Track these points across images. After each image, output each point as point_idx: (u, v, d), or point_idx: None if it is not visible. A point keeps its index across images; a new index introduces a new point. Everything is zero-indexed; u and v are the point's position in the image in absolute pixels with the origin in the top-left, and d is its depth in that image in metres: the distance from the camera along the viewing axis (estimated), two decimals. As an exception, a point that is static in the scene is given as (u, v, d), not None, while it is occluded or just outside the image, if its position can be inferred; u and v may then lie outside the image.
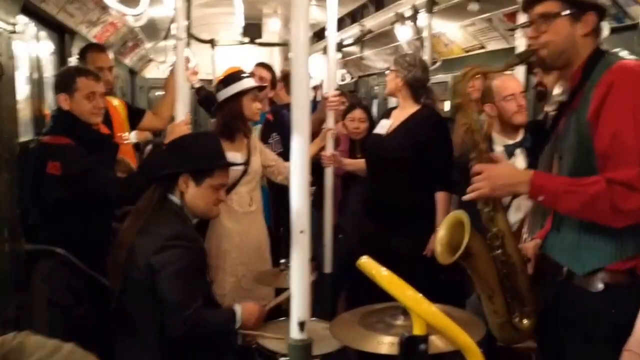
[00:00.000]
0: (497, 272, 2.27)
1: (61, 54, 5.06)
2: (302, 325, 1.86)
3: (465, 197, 2.22)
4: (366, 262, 1.58)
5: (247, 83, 3.80)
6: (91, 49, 4.50)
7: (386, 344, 1.97)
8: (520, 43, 3.88)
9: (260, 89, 3.91)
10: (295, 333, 1.87)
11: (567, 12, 2.11)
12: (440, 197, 3.73)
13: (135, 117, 4.41)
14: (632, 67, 2.05)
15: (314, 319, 2.97)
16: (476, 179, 2.20)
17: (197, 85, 5.38)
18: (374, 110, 8.30)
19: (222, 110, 3.80)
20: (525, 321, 2.31)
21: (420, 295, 1.50)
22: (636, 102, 1.98)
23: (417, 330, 1.50)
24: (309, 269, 1.89)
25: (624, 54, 2.18)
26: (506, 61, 2.41)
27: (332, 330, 2.16)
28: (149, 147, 5.79)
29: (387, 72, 3.93)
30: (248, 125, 3.84)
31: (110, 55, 4.57)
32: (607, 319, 2.07)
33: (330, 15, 3.84)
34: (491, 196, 2.22)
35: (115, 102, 4.33)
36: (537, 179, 2.11)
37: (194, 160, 2.84)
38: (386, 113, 4.17)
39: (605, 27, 3.70)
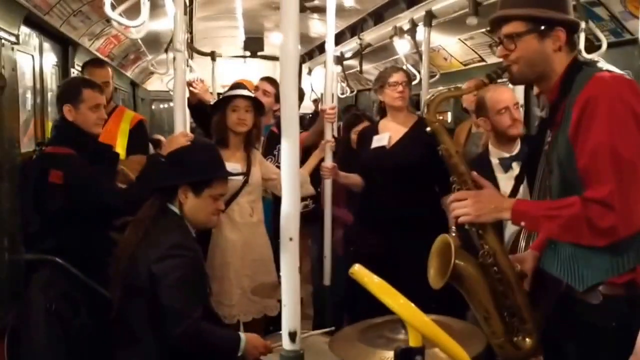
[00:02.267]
0: (490, 292, 2.25)
1: (64, 66, 5.11)
2: (293, 335, 1.83)
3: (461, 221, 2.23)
4: (358, 271, 1.57)
5: (231, 93, 3.85)
6: (90, 64, 4.60)
7: (388, 359, 1.92)
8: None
9: (253, 100, 3.88)
10: (287, 344, 1.84)
11: (534, 30, 2.13)
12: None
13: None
14: (607, 80, 2.05)
15: (315, 331, 2.99)
16: (460, 205, 2.21)
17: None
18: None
19: (213, 120, 3.87)
20: (527, 340, 2.27)
21: (412, 304, 1.49)
22: (612, 117, 1.98)
23: (413, 341, 1.50)
24: (298, 278, 1.85)
25: (601, 64, 2.15)
26: (475, 82, 2.45)
27: (332, 346, 2.13)
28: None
29: (400, 87, 3.94)
30: (246, 136, 3.84)
31: (109, 70, 4.57)
32: (608, 331, 2.05)
33: (329, 29, 3.88)
34: (474, 222, 2.22)
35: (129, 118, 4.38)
36: (519, 205, 2.15)
37: (192, 171, 2.87)
38: (371, 129, 4.23)
39: (603, 42, 3.74)
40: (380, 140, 3.98)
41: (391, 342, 2.01)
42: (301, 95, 5.56)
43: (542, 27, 2.14)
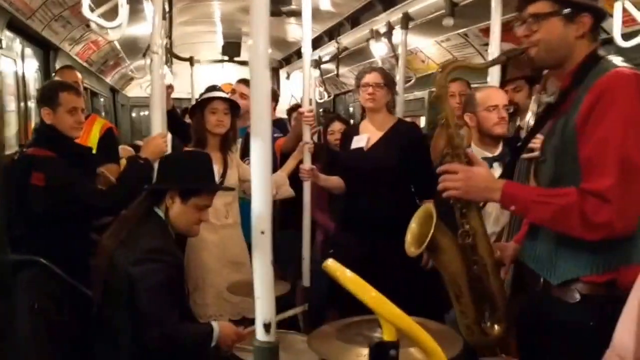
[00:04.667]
0: (466, 271, 2.22)
1: (46, 71, 5.13)
2: (267, 326, 1.81)
3: (444, 195, 2.19)
4: (331, 265, 1.56)
5: (209, 95, 3.88)
6: (61, 68, 4.66)
7: (366, 356, 1.85)
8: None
9: (230, 103, 3.92)
10: (261, 335, 1.82)
11: (561, 12, 2.07)
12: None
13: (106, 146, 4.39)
14: (627, 75, 1.97)
15: (292, 331, 3.02)
16: (450, 177, 2.17)
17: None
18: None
19: (192, 122, 3.92)
20: (496, 326, 2.26)
21: (384, 297, 1.48)
22: (627, 112, 1.91)
23: (387, 335, 1.48)
24: (271, 270, 1.83)
25: (617, 60, 2.08)
26: (493, 60, 2.39)
27: (311, 343, 2.08)
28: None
29: (371, 88, 3.88)
30: (223, 139, 3.88)
31: (77, 73, 4.60)
32: (586, 331, 2.00)
33: (305, 32, 3.91)
34: (462, 198, 2.18)
35: (98, 127, 4.37)
36: (510, 188, 2.10)
37: (183, 178, 2.91)
38: (353, 129, 4.22)
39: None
40: (358, 141, 3.97)
41: (368, 340, 1.96)
42: (275, 97, 5.58)
43: (568, 10, 2.06)
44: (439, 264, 2.27)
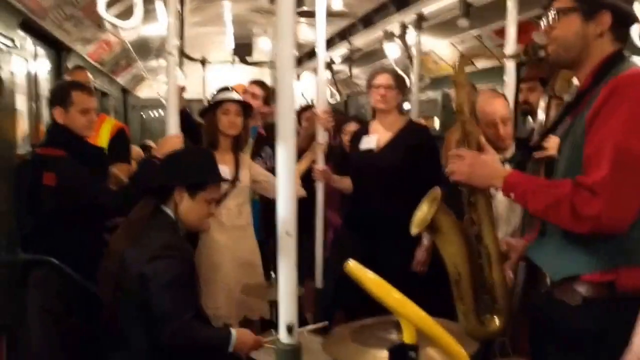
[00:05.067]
0: (467, 256, 2.24)
1: (57, 71, 5.13)
2: (290, 328, 1.82)
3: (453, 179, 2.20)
4: (353, 266, 1.55)
5: (223, 97, 3.87)
6: (72, 69, 4.69)
7: (381, 358, 1.90)
8: (510, 65, 3.87)
9: (243, 104, 3.90)
10: (284, 337, 1.83)
11: (580, 9, 2.05)
12: None
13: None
14: None
15: (309, 327, 2.99)
16: (458, 161, 2.19)
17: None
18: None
19: (204, 123, 3.90)
20: (495, 319, 2.25)
21: (407, 298, 1.48)
22: (634, 110, 1.90)
23: (407, 338, 1.49)
24: (295, 272, 1.85)
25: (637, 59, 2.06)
26: (513, 55, 2.41)
27: (325, 346, 2.11)
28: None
29: (382, 90, 3.90)
30: (235, 139, 3.86)
31: (88, 74, 4.59)
32: (588, 333, 1.99)
33: (319, 34, 3.91)
34: (466, 183, 2.20)
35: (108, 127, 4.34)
36: (511, 176, 2.11)
37: (189, 174, 2.89)
38: (362, 130, 4.21)
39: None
40: (368, 142, 3.98)
41: (384, 342, 2.00)
42: (268, 99, 5.57)
43: (587, 7, 2.04)
44: (440, 246, 2.27)
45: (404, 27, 5.32)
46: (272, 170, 4.13)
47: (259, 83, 5.01)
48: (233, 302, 3.67)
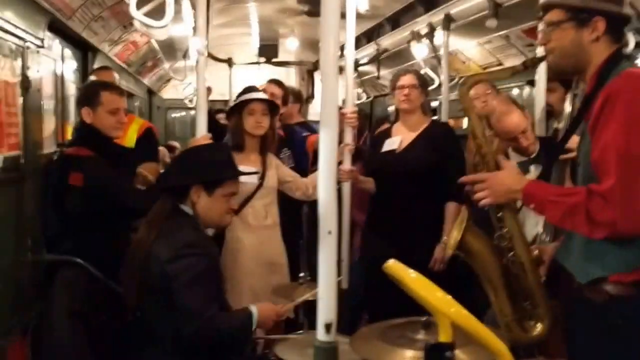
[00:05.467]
0: (500, 269, 2.31)
1: (84, 71, 5.15)
2: (328, 327, 1.85)
3: (480, 204, 2.28)
4: (393, 265, 1.60)
5: (248, 96, 3.84)
6: (97, 69, 4.69)
7: (409, 358, 1.95)
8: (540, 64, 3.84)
9: (269, 103, 3.88)
10: (321, 335, 1.86)
11: (571, 19, 2.13)
12: (451, 207, 3.78)
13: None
14: (634, 75, 2.04)
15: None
16: (479, 187, 2.26)
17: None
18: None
19: (229, 124, 3.89)
20: (538, 324, 2.31)
21: (450, 297, 1.50)
22: (632, 112, 1.97)
23: (443, 337, 1.50)
24: (335, 271, 1.88)
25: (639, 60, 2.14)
26: (512, 67, 2.48)
27: (353, 345, 2.12)
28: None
29: (406, 90, 3.93)
30: (262, 140, 3.84)
31: (114, 73, 4.61)
32: (616, 332, 2.03)
33: (348, 34, 3.89)
34: (494, 204, 2.28)
35: (136, 127, 4.34)
36: (529, 187, 2.18)
37: (204, 171, 2.87)
38: (385, 131, 4.23)
39: (631, 41, 3.63)
40: (391, 143, 3.99)
41: (412, 342, 2.02)
42: (299, 97, 5.56)
43: (580, 16, 2.12)
44: (473, 264, 2.36)
45: (431, 28, 5.28)
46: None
47: (277, 82, 5.00)
48: (256, 302, 3.64)
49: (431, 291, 1.50)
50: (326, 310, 1.86)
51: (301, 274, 3.45)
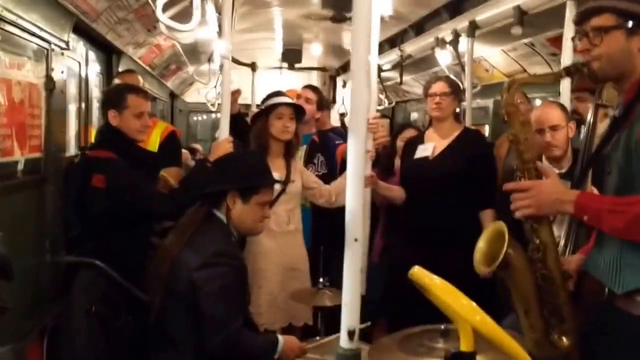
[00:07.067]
0: (535, 285, 2.23)
1: (108, 74, 5.18)
2: (351, 334, 1.85)
3: (517, 215, 2.19)
4: (418, 272, 1.58)
5: (276, 100, 3.83)
6: (121, 72, 4.72)
7: None
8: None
9: (296, 108, 3.88)
10: (344, 342, 1.87)
11: (624, 25, 2.07)
12: (487, 214, 3.77)
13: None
14: None
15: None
16: (521, 196, 2.16)
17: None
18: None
19: (254, 128, 3.86)
20: (564, 339, 2.25)
21: (475, 305, 1.50)
22: None
23: (465, 346, 1.50)
24: (359, 278, 1.88)
25: None
26: (554, 73, 2.44)
27: (371, 355, 2.09)
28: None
29: (437, 98, 3.91)
30: (287, 145, 3.84)
31: (138, 77, 4.63)
32: None
33: (373, 40, 3.88)
34: (536, 215, 2.17)
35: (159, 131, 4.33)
36: (582, 198, 2.08)
37: (242, 177, 2.88)
38: (417, 138, 4.20)
39: None
40: (424, 150, 3.97)
41: (431, 351, 1.99)
42: (327, 104, 5.55)
43: (631, 23, 2.07)
44: (509, 281, 2.25)
45: (456, 34, 5.25)
46: (322, 177, 4.10)
47: (312, 87, 5.01)
48: (277, 309, 3.66)
49: (457, 298, 1.50)
50: (350, 317, 1.87)
51: (321, 279, 3.43)
